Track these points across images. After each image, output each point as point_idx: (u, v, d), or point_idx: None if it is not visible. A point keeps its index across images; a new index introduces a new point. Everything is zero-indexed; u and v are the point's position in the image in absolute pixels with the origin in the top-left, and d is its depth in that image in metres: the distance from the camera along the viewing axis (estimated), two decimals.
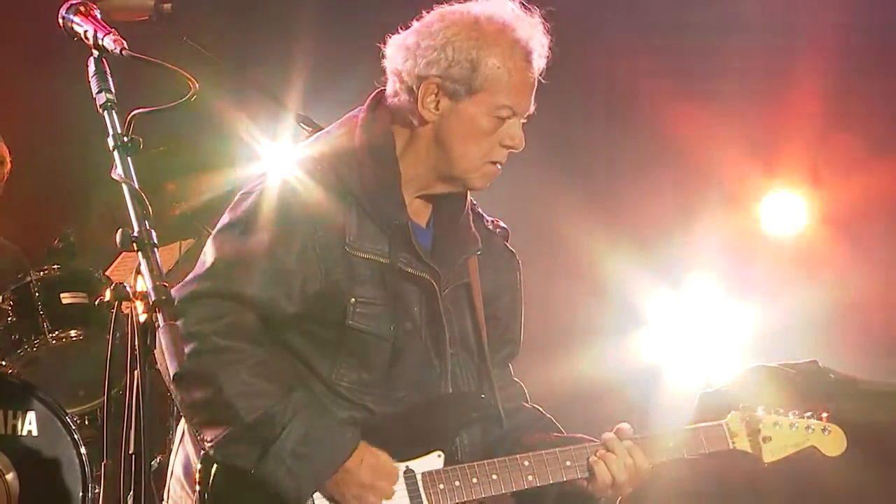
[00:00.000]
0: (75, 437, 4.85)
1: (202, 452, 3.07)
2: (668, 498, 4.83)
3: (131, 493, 2.40)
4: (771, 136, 6.12)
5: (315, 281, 3.09)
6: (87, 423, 5.36)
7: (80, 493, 4.81)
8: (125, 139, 2.54)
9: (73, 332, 5.30)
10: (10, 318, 5.24)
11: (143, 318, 2.36)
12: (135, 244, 2.43)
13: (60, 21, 2.76)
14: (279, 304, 3.07)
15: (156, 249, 2.44)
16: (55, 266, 5.41)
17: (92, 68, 2.65)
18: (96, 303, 5.25)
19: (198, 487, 3.07)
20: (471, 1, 3.17)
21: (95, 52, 2.66)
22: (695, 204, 6.25)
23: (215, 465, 3.05)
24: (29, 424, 4.84)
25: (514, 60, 3.10)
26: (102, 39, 2.66)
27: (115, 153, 2.54)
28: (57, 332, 5.28)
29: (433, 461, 3.16)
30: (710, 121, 6.05)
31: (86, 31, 2.70)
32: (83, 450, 4.85)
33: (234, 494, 3.06)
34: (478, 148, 3.13)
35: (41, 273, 5.34)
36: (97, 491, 4.82)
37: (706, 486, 4.82)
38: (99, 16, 2.75)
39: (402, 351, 3.16)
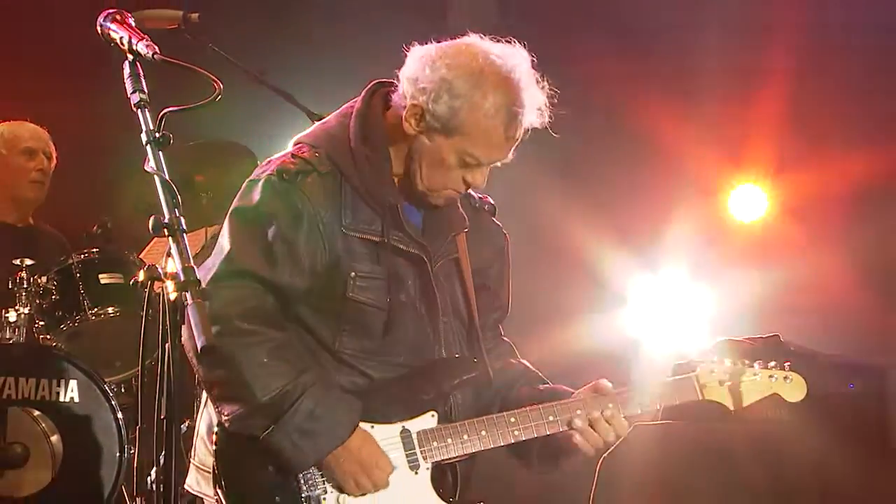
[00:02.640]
0: (113, 403, 4.84)
1: (218, 423, 3.08)
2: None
3: (163, 453, 2.40)
4: (738, 133, 6.10)
5: (321, 257, 3.09)
6: (123, 390, 5.34)
7: (118, 454, 4.79)
8: (157, 135, 2.54)
9: (110, 310, 5.28)
10: (53, 297, 5.22)
11: (173, 296, 2.37)
12: (166, 230, 2.43)
13: (98, 28, 2.76)
14: (294, 283, 3.07)
15: (185, 235, 2.44)
16: (94, 249, 5.39)
17: (127, 71, 2.66)
18: (131, 283, 5.28)
19: (214, 448, 3.09)
20: (497, 44, 3.08)
21: (130, 57, 2.67)
22: (669, 194, 6.24)
23: (229, 435, 3.06)
24: (71, 392, 4.82)
25: (497, 119, 3.02)
26: (136, 45, 2.66)
27: (148, 147, 2.54)
28: (96, 309, 5.25)
29: (427, 420, 3.16)
30: (683, 119, 6.03)
31: (121, 38, 2.70)
32: (120, 415, 4.84)
33: (244, 460, 3.08)
34: (440, 176, 3.11)
35: (81, 256, 5.31)
36: (132, 451, 4.82)
37: (678, 453, 4.80)
38: (133, 23, 2.75)
39: (398, 320, 3.15)
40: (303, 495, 3.05)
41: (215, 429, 3.09)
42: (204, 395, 3.24)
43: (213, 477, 3.07)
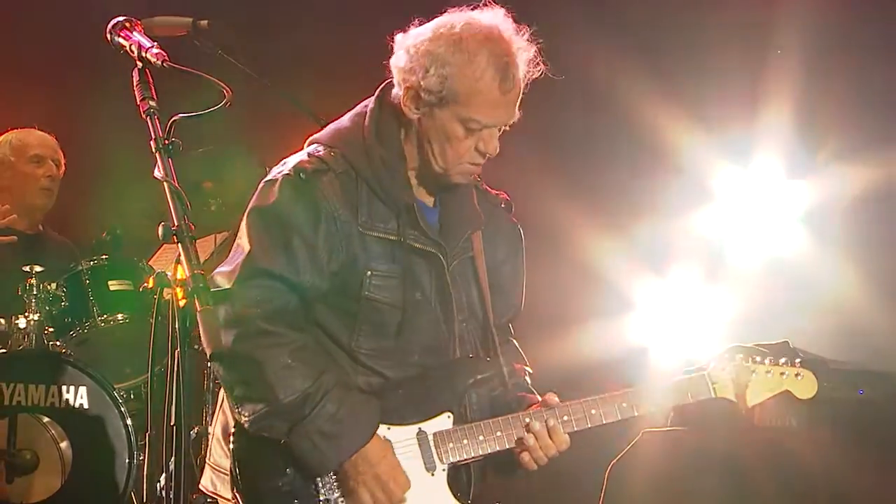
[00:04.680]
0: (122, 409, 4.85)
1: (236, 424, 3.07)
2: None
3: (172, 459, 2.40)
4: (746, 137, 6.08)
5: (339, 256, 3.09)
6: (132, 397, 5.35)
7: (127, 460, 4.80)
8: (166, 142, 2.54)
9: (119, 316, 5.29)
10: (63, 303, 5.23)
11: (182, 303, 2.36)
12: (175, 236, 2.43)
13: (108, 36, 2.76)
14: (315, 283, 3.07)
15: (194, 241, 2.44)
16: (103, 256, 5.40)
17: (136, 78, 2.66)
18: (140, 289, 5.29)
19: (232, 450, 3.08)
20: (474, 10, 3.11)
21: (139, 64, 2.67)
22: (678, 197, 6.22)
23: (248, 438, 3.05)
24: (81, 398, 4.83)
25: (487, 76, 3.02)
26: (145, 52, 2.66)
27: (158, 155, 2.53)
28: (105, 316, 5.26)
29: (443, 422, 3.16)
30: (691, 121, 6.01)
31: (130, 45, 2.70)
32: (129, 421, 4.84)
33: (262, 463, 3.07)
34: (453, 150, 3.10)
35: (91, 263, 5.33)
36: (141, 458, 4.82)
37: (686, 460, 4.79)
38: (142, 31, 2.74)
39: (413, 318, 3.16)
40: (321, 499, 3.05)
41: (232, 430, 3.09)
42: (220, 397, 3.25)
43: (231, 480, 3.08)
